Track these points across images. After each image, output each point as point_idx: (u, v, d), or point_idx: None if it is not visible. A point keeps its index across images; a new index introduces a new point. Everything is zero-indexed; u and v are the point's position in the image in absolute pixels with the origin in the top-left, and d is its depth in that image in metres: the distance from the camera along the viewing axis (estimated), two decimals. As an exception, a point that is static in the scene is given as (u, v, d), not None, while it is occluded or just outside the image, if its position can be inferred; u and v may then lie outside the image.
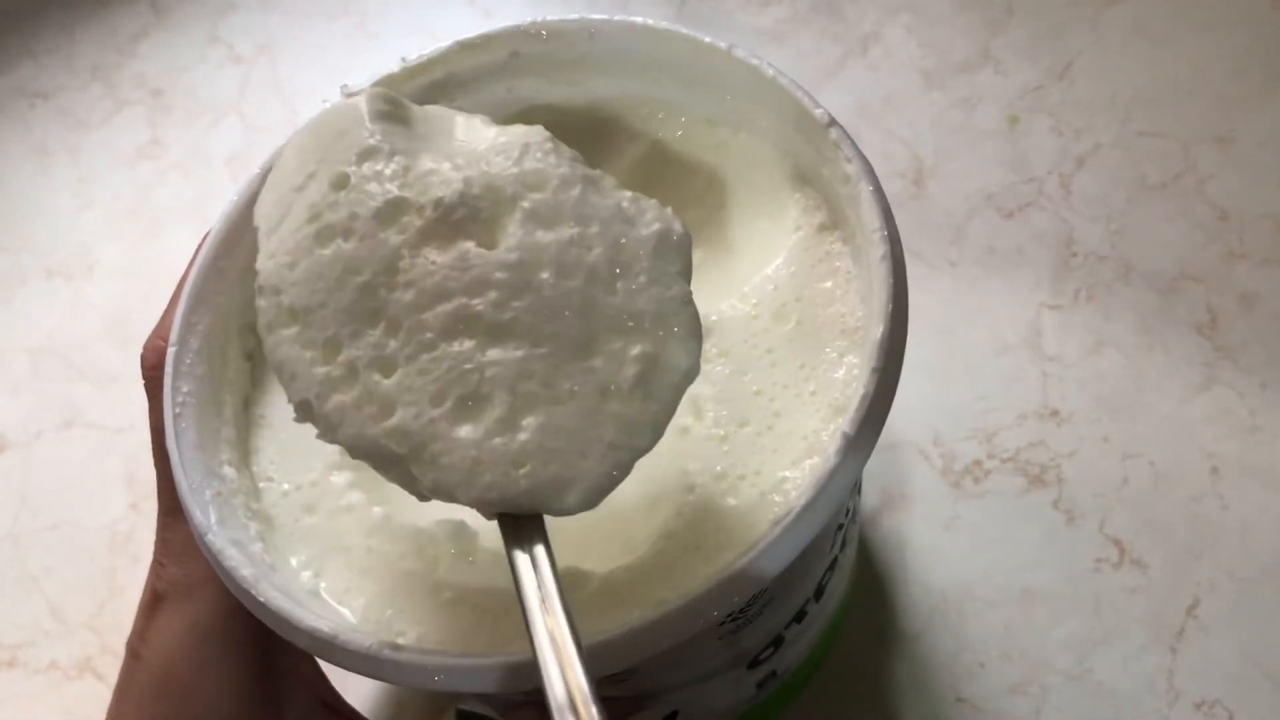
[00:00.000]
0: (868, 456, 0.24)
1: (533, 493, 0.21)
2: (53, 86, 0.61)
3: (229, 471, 0.28)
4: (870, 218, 0.26)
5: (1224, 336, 0.43)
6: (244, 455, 0.29)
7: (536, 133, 0.25)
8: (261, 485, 0.29)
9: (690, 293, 0.24)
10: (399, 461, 0.22)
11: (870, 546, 0.41)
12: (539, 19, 0.31)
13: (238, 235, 0.30)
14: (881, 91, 0.51)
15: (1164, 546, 0.40)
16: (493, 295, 0.22)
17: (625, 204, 0.24)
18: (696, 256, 0.25)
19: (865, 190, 0.26)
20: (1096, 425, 0.42)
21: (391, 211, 0.23)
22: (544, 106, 0.33)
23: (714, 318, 0.28)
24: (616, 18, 0.31)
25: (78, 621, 0.45)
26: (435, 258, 0.23)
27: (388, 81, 0.31)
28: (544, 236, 0.23)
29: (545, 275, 0.23)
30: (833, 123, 0.28)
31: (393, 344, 0.22)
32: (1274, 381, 0.42)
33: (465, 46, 0.32)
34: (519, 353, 0.22)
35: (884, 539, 0.41)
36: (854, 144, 0.27)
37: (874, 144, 0.50)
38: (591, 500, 0.22)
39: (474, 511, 0.26)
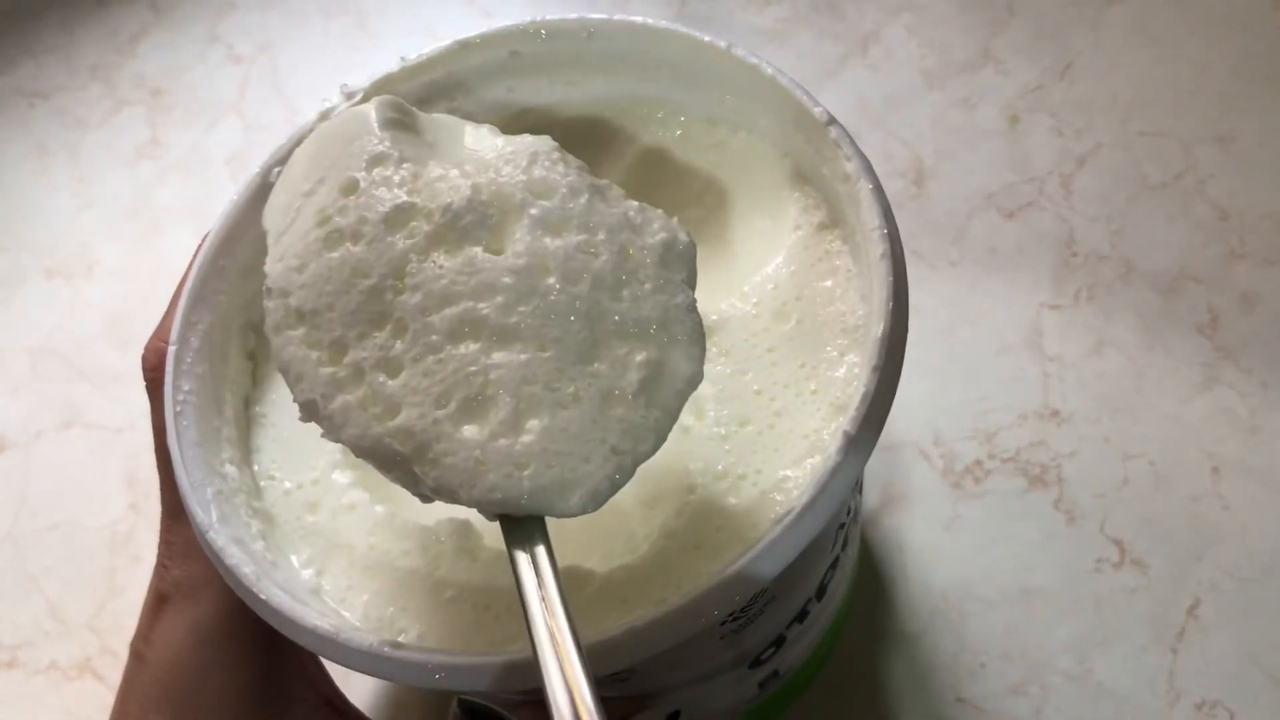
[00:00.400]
0: (869, 455, 0.24)
1: (535, 494, 0.22)
2: (52, 86, 0.61)
3: (230, 470, 0.28)
4: (870, 216, 0.26)
5: (1224, 336, 0.43)
6: (245, 454, 0.29)
7: (544, 142, 0.25)
8: (263, 484, 0.29)
9: (694, 301, 0.24)
10: (402, 461, 0.22)
11: (871, 546, 0.41)
12: (538, 18, 0.31)
13: (238, 234, 0.30)
14: (882, 91, 0.51)
15: (1164, 547, 0.40)
16: (499, 299, 0.22)
17: (632, 213, 0.24)
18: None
19: (865, 188, 0.26)
20: (1097, 425, 0.42)
21: (400, 216, 0.23)
22: (544, 106, 0.33)
23: (714, 317, 0.28)
24: (615, 17, 0.31)
25: (78, 621, 0.45)
26: (443, 262, 0.23)
27: (387, 81, 0.31)
28: (551, 243, 0.23)
29: (552, 281, 0.23)
30: (832, 121, 0.28)
31: (399, 346, 0.22)
32: (1275, 382, 0.42)
33: (465, 46, 0.32)
34: (524, 356, 0.22)
35: (884, 539, 0.41)
36: (853, 142, 0.27)
37: (874, 144, 0.50)
38: (593, 503, 0.22)
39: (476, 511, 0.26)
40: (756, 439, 0.27)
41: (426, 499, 0.23)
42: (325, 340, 0.23)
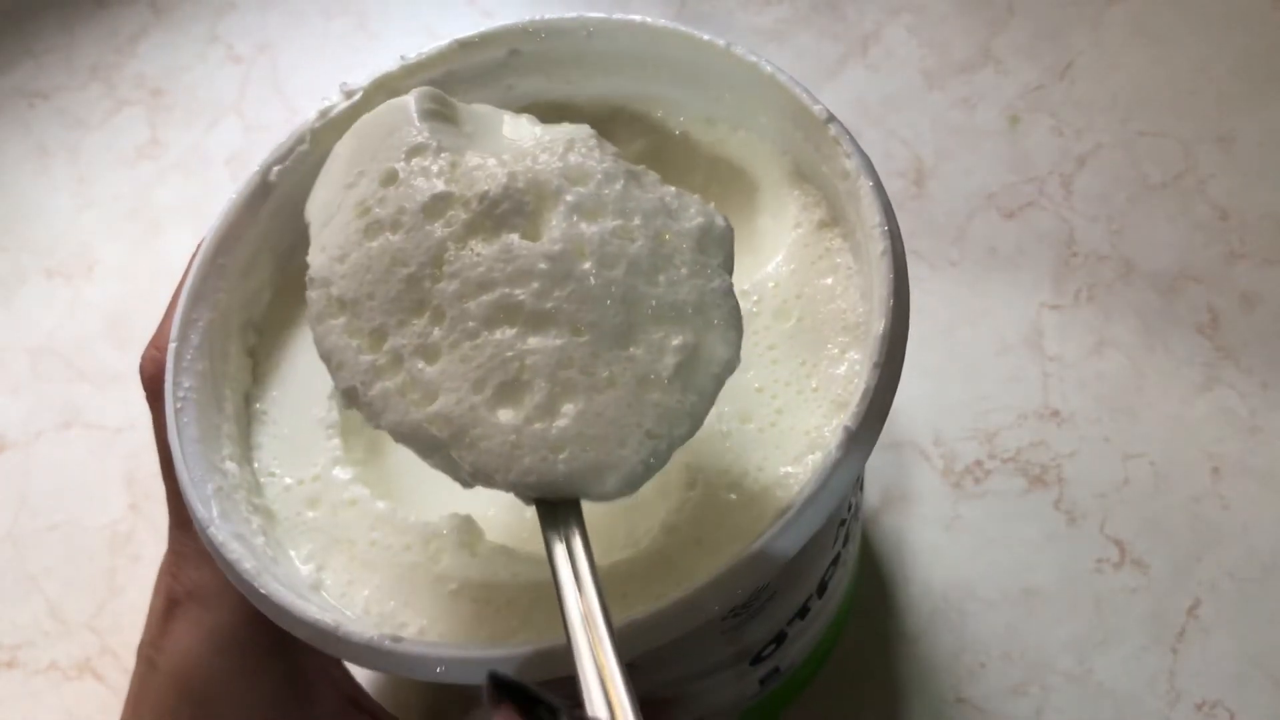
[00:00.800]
0: (870, 451, 0.24)
1: (571, 477, 0.22)
2: (52, 86, 0.61)
3: (230, 466, 0.28)
4: (870, 213, 0.26)
5: (1225, 337, 0.43)
6: (245, 450, 0.29)
7: (581, 130, 0.26)
8: (263, 480, 0.29)
9: (731, 285, 0.24)
10: (440, 446, 0.22)
11: (871, 547, 0.41)
12: (538, 17, 0.31)
13: (237, 233, 0.30)
14: (882, 91, 0.51)
15: (1165, 547, 0.40)
16: (535, 285, 0.23)
17: (668, 198, 0.24)
18: None
19: (865, 185, 0.27)
20: (1097, 425, 0.42)
21: (438, 205, 0.24)
22: (544, 104, 0.33)
23: None
24: (615, 16, 0.31)
25: (78, 621, 0.45)
26: (480, 249, 0.23)
27: (386, 80, 0.31)
28: (587, 228, 0.23)
29: (587, 266, 0.23)
30: (831, 119, 0.28)
31: (437, 332, 0.23)
32: (1275, 382, 0.42)
33: (464, 45, 0.32)
34: (559, 341, 0.22)
35: (885, 539, 0.41)
36: (853, 139, 0.27)
37: (874, 144, 0.50)
38: (629, 486, 0.22)
39: (482, 506, 0.26)
40: (758, 436, 0.27)
41: (466, 484, 0.23)
42: (365, 328, 0.23)
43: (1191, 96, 0.49)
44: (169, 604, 0.30)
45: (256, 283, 0.31)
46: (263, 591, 0.25)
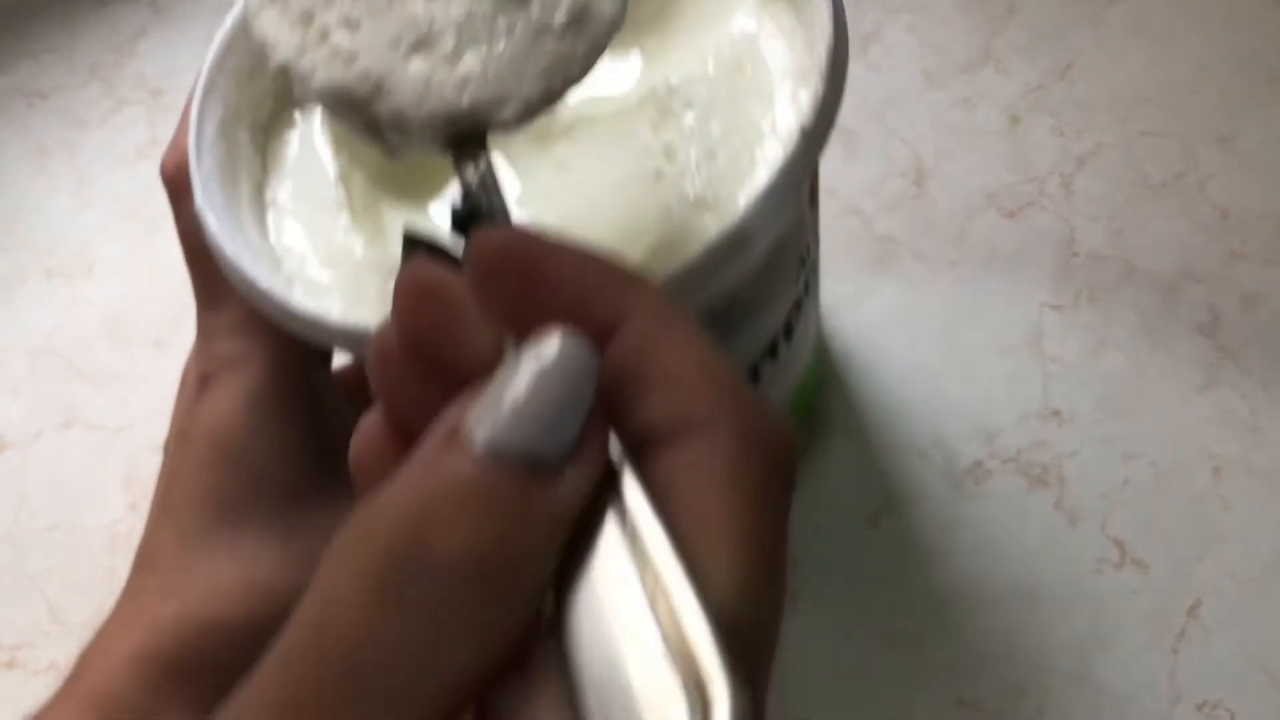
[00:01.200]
0: (819, 151, 0.27)
1: (474, 108, 0.25)
2: (52, 86, 0.61)
3: (253, 236, 0.31)
4: None
5: (1226, 337, 0.43)
6: (263, 230, 0.32)
7: None
8: (280, 254, 0.31)
9: None
10: (362, 104, 0.25)
11: (871, 548, 0.41)
12: None
13: (242, 38, 0.33)
14: (882, 91, 0.51)
15: (1165, 547, 0.40)
16: None
17: None
18: (653, 39, 0.30)
19: None
20: (1098, 426, 0.42)
21: None
22: None
23: (675, 80, 0.32)
24: None
25: (77, 622, 0.45)
26: None
27: None
28: None
29: None
30: None
31: (357, 10, 0.26)
32: (1276, 382, 0.42)
33: None
34: (465, 5, 0.26)
35: (885, 540, 0.41)
36: None
37: (874, 144, 0.50)
38: (527, 114, 0.25)
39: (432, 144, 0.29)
40: (725, 168, 0.30)
41: (390, 148, 0.26)
42: (294, 14, 0.26)
43: (1191, 96, 0.49)
44: (200, 381, 0.31)
45: (259, 89, 0.33)
46: (298, 309, 0.27)
